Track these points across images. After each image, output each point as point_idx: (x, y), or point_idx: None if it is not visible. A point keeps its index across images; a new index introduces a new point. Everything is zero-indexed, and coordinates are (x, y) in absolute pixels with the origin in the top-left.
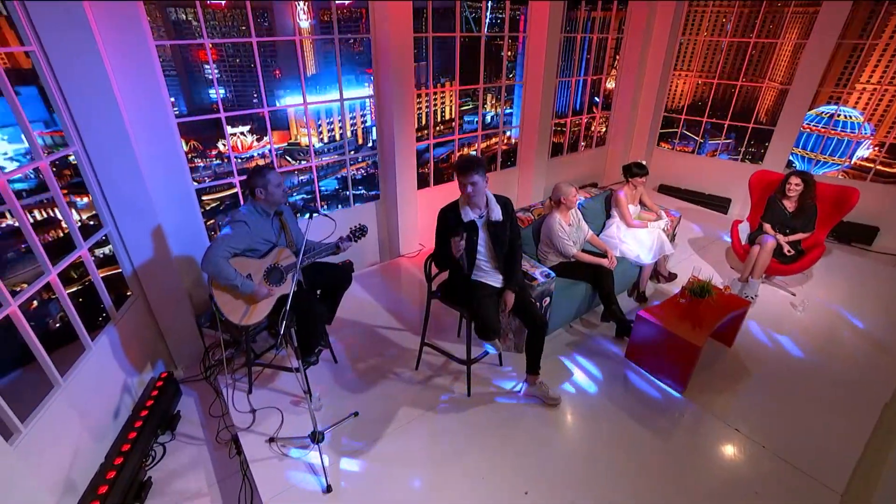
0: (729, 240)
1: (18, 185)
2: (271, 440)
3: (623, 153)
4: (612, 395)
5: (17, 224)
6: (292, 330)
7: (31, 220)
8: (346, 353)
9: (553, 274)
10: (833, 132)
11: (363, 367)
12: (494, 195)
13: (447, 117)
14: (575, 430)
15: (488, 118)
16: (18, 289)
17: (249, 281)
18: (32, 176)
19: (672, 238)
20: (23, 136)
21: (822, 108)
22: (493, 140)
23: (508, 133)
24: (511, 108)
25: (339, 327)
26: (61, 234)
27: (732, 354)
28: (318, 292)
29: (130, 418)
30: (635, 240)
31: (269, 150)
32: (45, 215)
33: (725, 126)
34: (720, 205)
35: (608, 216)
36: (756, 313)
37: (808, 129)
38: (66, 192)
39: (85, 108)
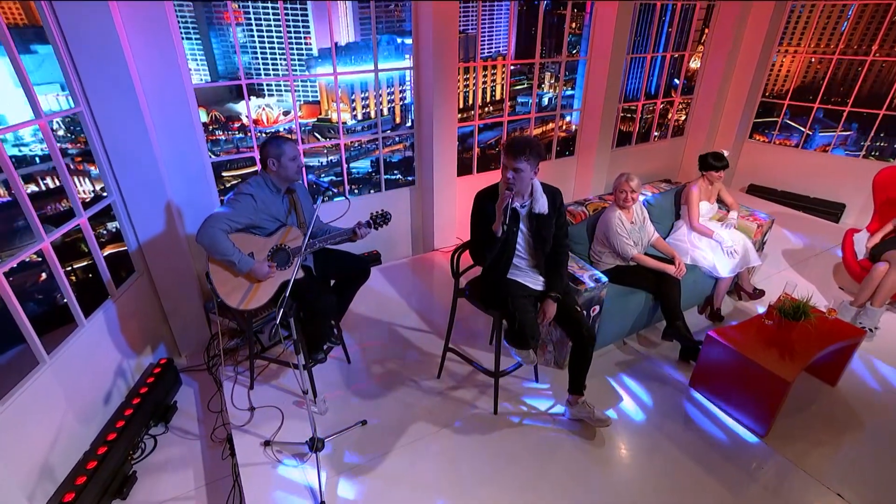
0: (840, 253)
1: (29, 152)
2: (267, 443)
3: (705, 146)
4: (671, 429)
5: (28, 191)
6: (291, 320)
7: (43, 188)
8: (361, 353)
9: (605, 279)
10: None
11: (379, 370)
12: (543, 185)
13: (497, 97)
14: (621, 469)
15: (545, 100)
16: (28, 259)
17: (249, 258)
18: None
19: (760, 247)
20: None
21: None
22: (549, 125)
23: (568, 118)
24: (572, 88)
25: (358, 324)
26: (69, 205)
27: (836, 396)
28: (333, 283)
29: (122, 405)
30: (710, 246)
31: (295, 125)
32: (57, 183)
33: (844, 114)
34: (830, 211)
35: (678, 216)
36: (874, 347)
37: None
38: (80, 159)
39: (91, 64)
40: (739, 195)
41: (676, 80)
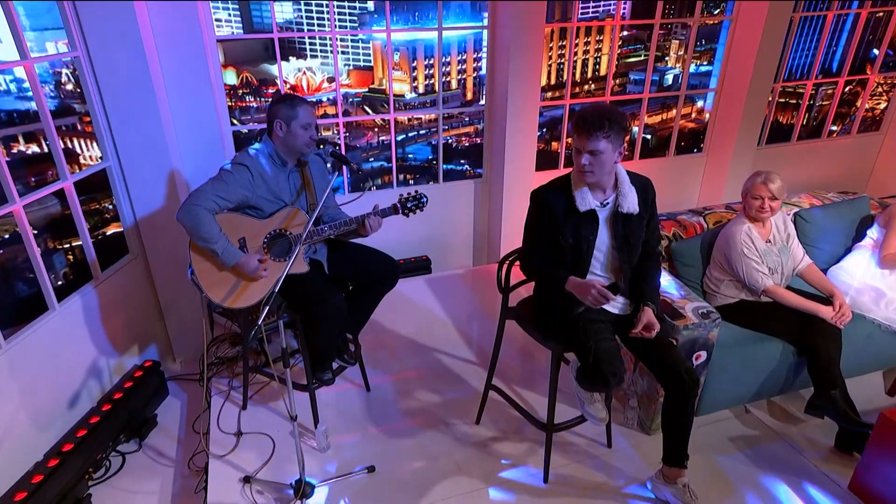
0: None
1: (34, 106)
2: (247, 479)
3: None
4: None
5: (29, 151)
6: (280, 323)
7: (46, 150)
8: (385, 380)
9: (718, 316)
10: None
11: (404, 404)
12: (629, 174)
13: (601, 72)
14: None
15: (668, 77)
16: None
17: (235, 248)
18: (53, 93)
19: None
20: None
21: None
22: (671, 111)
23: (699, 102)
24: (709, 63)
25: (386, 345)
26: (76, 170)
27: None
28: (351, 288)
29: (90, 412)
30: None
31: (337, 94)
32: (64, 145)
33: None
34: None
35: (857, 239)
36: None
37: None
38: (88, 119)
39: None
40: None
41: (875, 51)
